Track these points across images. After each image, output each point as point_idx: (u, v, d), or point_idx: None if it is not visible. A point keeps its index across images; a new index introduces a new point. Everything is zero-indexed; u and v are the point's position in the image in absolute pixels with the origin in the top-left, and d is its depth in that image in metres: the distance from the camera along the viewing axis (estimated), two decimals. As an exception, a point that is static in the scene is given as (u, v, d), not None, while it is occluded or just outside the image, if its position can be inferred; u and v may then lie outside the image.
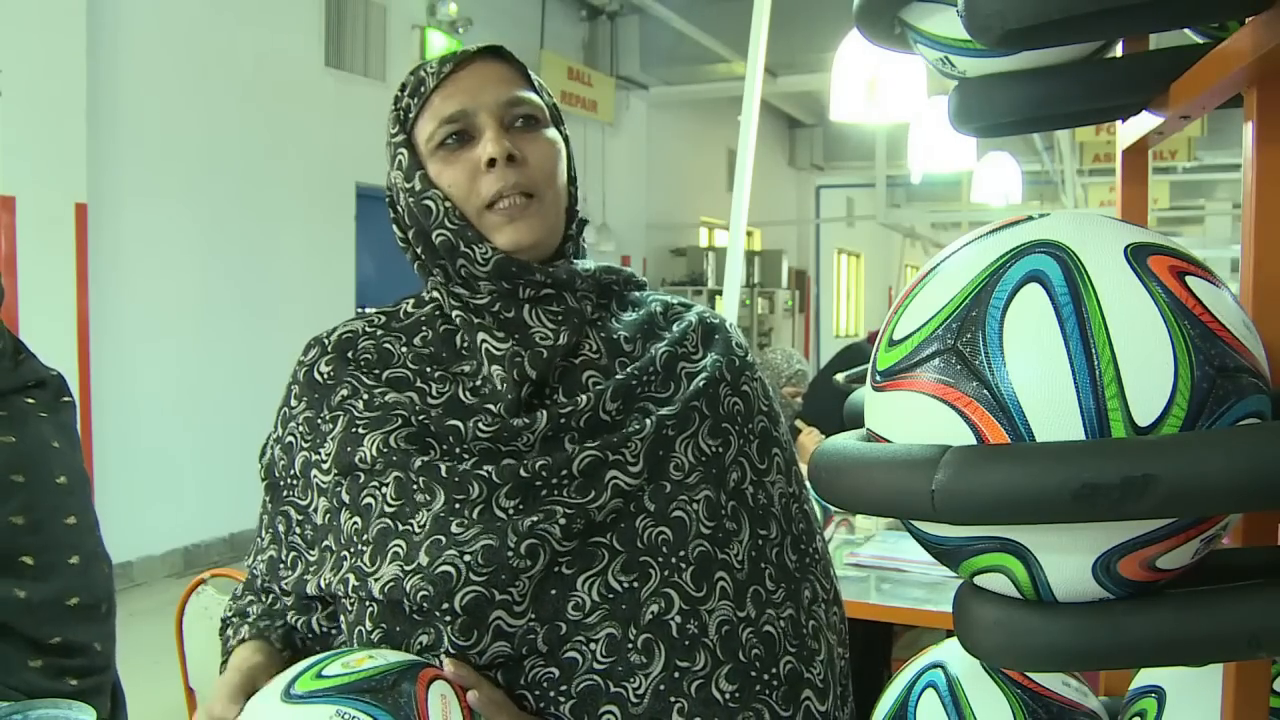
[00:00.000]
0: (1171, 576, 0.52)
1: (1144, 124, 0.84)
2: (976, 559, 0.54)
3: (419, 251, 0.91)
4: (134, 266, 4.78)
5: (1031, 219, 0.54)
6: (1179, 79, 0.74)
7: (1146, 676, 0.75)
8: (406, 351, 0.91)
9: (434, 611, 0.79)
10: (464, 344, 0.90)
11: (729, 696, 0.81)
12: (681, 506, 0.84)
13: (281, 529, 0.93)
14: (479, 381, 0.88)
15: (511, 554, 0.79)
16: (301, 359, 0.94)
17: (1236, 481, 0.44)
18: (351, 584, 0.83)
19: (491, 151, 0.86)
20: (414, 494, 0.83)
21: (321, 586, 0.87)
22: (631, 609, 0.81)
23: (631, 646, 0.80)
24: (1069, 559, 0.50)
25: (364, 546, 0.84)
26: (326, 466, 0.88)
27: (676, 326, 0.94)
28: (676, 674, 0.80)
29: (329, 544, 0.88)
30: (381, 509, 0.84)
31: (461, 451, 0.83)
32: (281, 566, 0.93)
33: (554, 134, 0.91)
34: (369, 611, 0.82)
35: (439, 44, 6.63)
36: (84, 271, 4.39)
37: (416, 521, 0.82)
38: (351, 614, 0.85)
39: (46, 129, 4.23)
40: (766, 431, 0.93)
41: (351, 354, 0.92)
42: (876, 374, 0.56)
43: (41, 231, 4.20)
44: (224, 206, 5.24)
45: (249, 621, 0.92)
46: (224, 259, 5.25)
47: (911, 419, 0.52)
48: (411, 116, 0.90)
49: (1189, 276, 0.50)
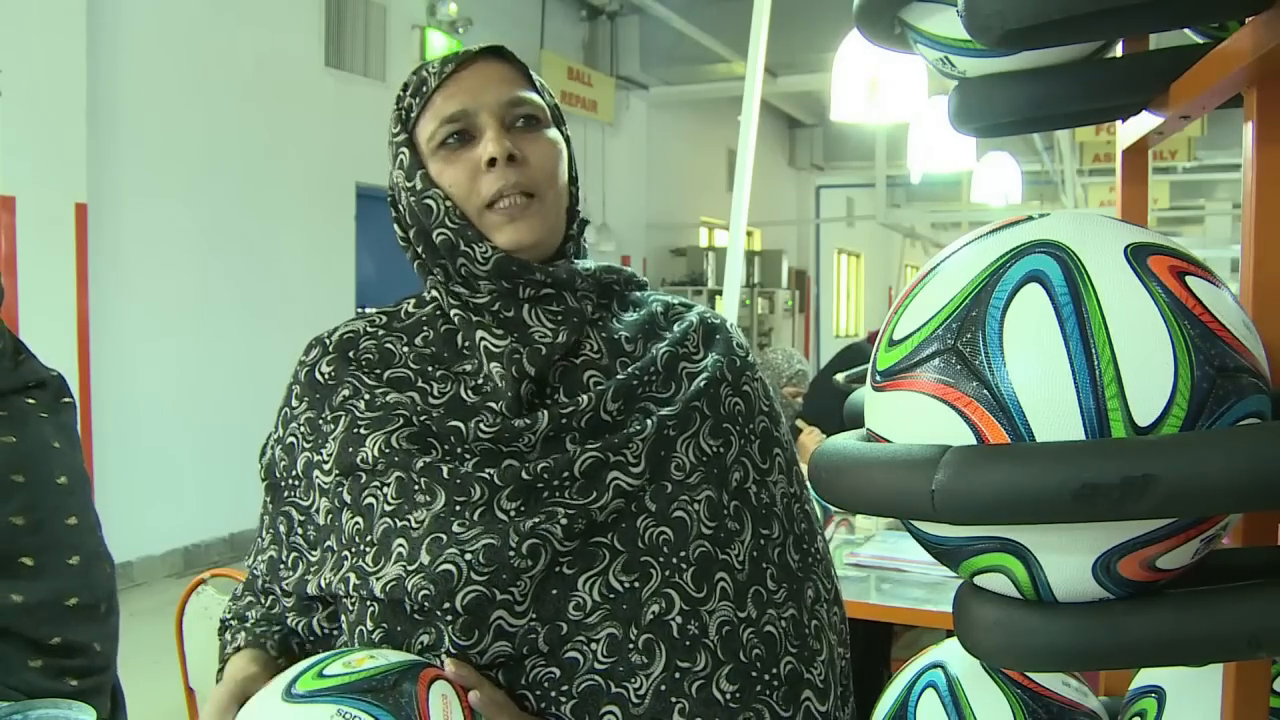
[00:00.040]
0: (1171, 576, 0.52)
1: (1144, 124, 0.84)
2: (976, 559, 0.54)
3: (419, 251, 0.91)
4: (134, 266, 4.78)
5: (1031, 219, 0.54)
6: (1179, 79, 0.74)
7: (1146, 676, 0.75)
8: (408, 351, 0.91)
9: (435, 611, 0.79)
10: (465, 343, 0.90)
11: (730, 697, 0.81)
12: (682, 507, 0.84)
13: (283, 529, 0.93)
14: (480, 380, 0.88)
15: (513, 554, 0.79)
16: (302, 359, 0.95)
17: (1236, 481, 0.44)
18: (353, 583, 0.83)
19: (492, 151, 0.86)
20: (415, 494, 0.83)
21: (322, 586, 0.87)
22: (632, 609, 0.81)
23: (632, 647, 0.80)
24: (1069, 559, 0.51)
25: (366, 546, 0.84)
26: (328, 467, 0.88)
27: (677, 326, 0.94)
28: (677, 674, 0.80)
29: (330, 544, 0.88)
30: (383, 509, 0.84)
31: (463, 452, 0.83)
32: (282, 567, 0.93)
33: (555, 134, 0.91)
34: (370, 611, 0.82)
35: (439, 44, 6.63)
36: (84, 271, 4.39)
37: (416, 519, 0.82)
38: (352, 614, 0.85)
39: (46, 129, 4.23)
40: (768, 431, 0.93)
41: (353, 354, 0.92)
42: (876, 374, 0.56)
43: (41, 231, 4.20)
44: (224, 206, 5.24)
45: (246, 627, 0.93)
46: (224, 259, 5.25)
47: (911, 419, 0.52)
48: (413, 116, 0.90)
49: (1189, 276, 0.50)
